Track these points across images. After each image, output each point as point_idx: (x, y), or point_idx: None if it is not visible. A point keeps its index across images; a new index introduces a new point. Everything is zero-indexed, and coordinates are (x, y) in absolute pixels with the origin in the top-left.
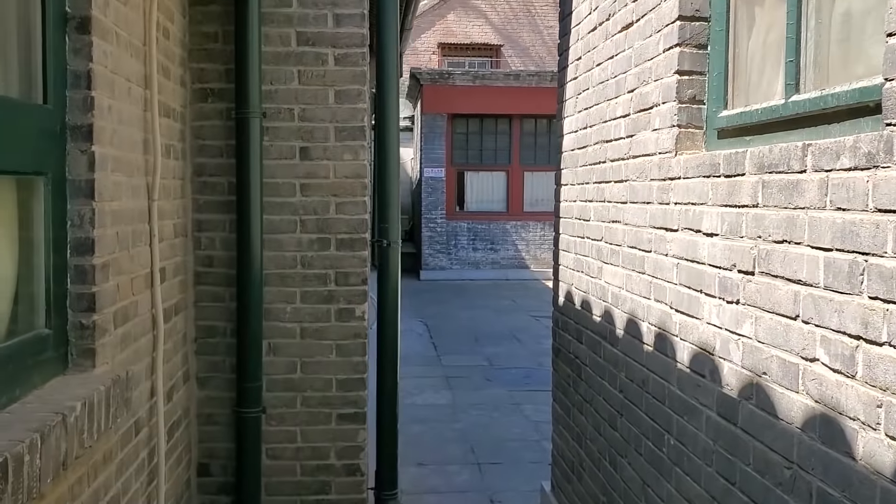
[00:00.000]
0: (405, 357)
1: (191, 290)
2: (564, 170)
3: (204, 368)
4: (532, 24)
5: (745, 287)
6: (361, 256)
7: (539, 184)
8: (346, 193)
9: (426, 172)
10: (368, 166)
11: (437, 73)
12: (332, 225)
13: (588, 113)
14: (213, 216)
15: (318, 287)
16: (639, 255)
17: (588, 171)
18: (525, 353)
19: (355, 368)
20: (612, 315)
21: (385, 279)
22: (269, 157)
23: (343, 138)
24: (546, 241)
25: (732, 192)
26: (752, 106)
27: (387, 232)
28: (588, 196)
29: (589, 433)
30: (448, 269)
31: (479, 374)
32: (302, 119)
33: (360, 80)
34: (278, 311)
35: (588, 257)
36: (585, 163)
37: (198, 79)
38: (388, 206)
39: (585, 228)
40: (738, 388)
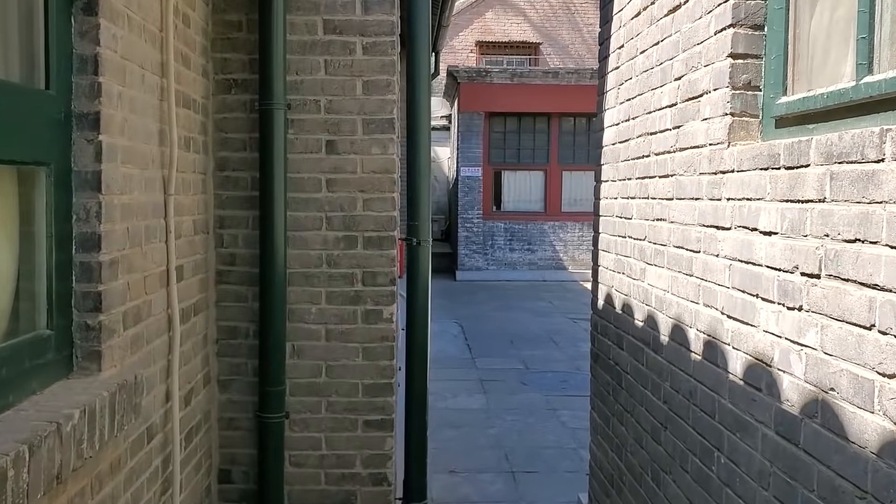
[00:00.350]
0: (439, 359)
1: (212, 289)
2: (605, 165)
3: (225, 371)
4: (571, 22)
5: (809, 292)
6: (390, 255)
7: (577, 183)
8: (374, 189)
9: (463, 172)
10: (398, 161)
11: (474, 71)
12: (360, 222)
13: (630, 104)
14: (236, 212)
15: (345, 287)
16: (686, 255)
17: (630, 166)
18: (562, 357)
19: (383, 373)
20: (656, 320)
21: (415, 280)
22: (294, 150)
23: (371, 131)
24: (584, 242)
25: (794, 185)
26: (816, 90)
27: (416, 230)
28: (630, 193)
29: (630, 445)
30: (484, 269)
31: (514, 377)
32: (328, 111)
33: (390, 70)
34: (303, 312)
35: (630, 258)
36: (627, 157)
37: (221, 69)
38: (419, 204)
39: (627, 227)
40: (801, 404)
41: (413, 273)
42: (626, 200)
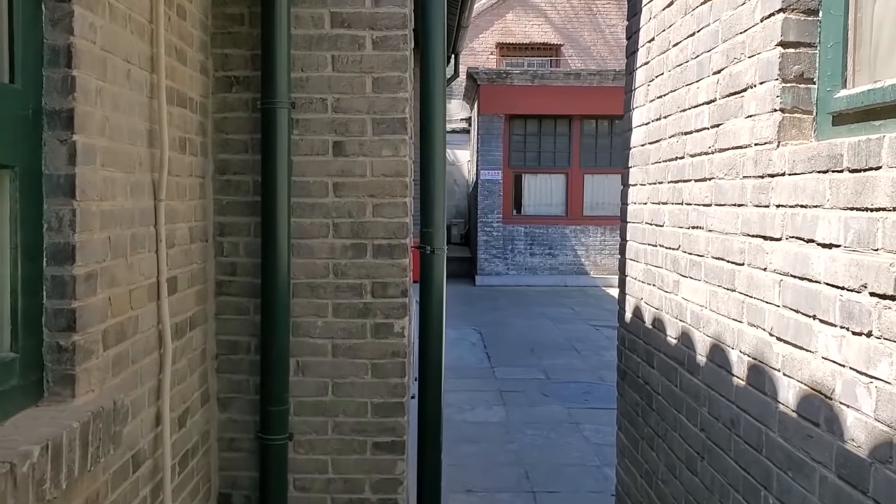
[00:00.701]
0: (456, 368)
1: (211, 300)
2: (633, 168)
3: (226, 388)
4: (593, 23)
5: (881, 315)
6: (401, 265)
7: (599, 187)
8: (384, 194)
9: (482, 175)
10: (410, 164)
11: (494, 73)
12: (369, 229)
13: (662, 102)
14: (237, 219)
15: (353, 299)
16: (727, 268)
17: (662, 168)
18: (584, 367)
19: (393, 391)
20: (692, 338)
21: (428, 290)
22: (299, 152)
23: (381, 132)
24: (607, 247)
25: (862, 190)
26: (884, 81)
27: (431, 238)
28: (662, 198)
29: (661, 473)
30: (504, 274)
31: (534, 388)
32: (336, 110)
33: (402, 67)
34: (308, 326)
35: (661, 269)
36: (659, 159)
37: (221, 66)
38: (433, 209)
39: (658, 235)
40: (871, 446)
41: (427, 283)
42: (656, 206)
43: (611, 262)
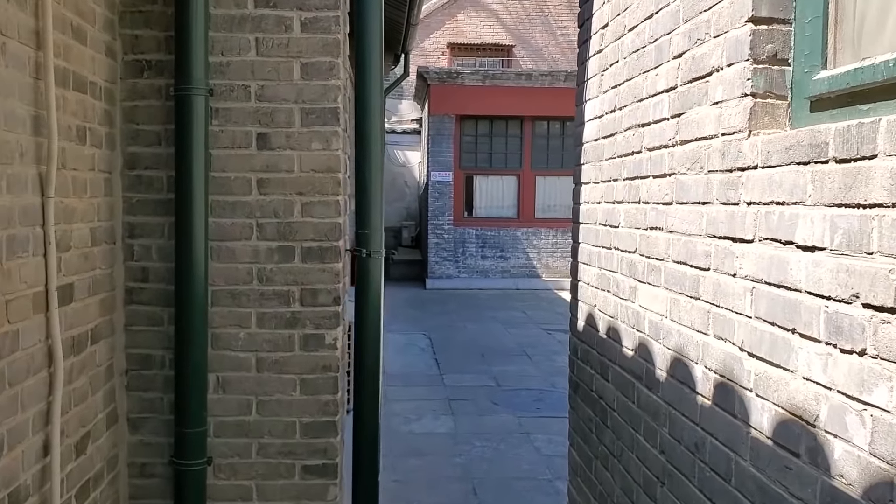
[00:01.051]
0: (404, 376)
1: (120, 310)
2: (585, 165)
3: (137, 408)
4: (545, 24)
5: (877, 331)
6: (334, 270)
7: (551, 189)
8: (314, 192)
9: (433, 176)
10: (345, 158)
11: (444, 73)
12: (298, 230)
13: (617, 92)
14: (150, 219)
15: (279, 308)
16: (691, 273)
17: (617, 164)
18: (536, 373)
19: (324, 409)
20: (651, 350)
21: (364, 297)
22: (219, 145)
23: (311, 123)
24: (559, 250)
25: (853, 184)
26: (874, 59)
27: (367, 240)
28: (617, 196)
29: (616, 496)
30: (455, 277)
31: (484, 396)
32: (260, 98)
33: (333, 51)
34: (229, 338)
35: (616, 273)
36: (613, 154)
37: (131, 48)
38: (370, 209)
39: (613, 237)
40: (865, 485)
41: (363, 289)
42: (611, 205)
43: (563, 265)
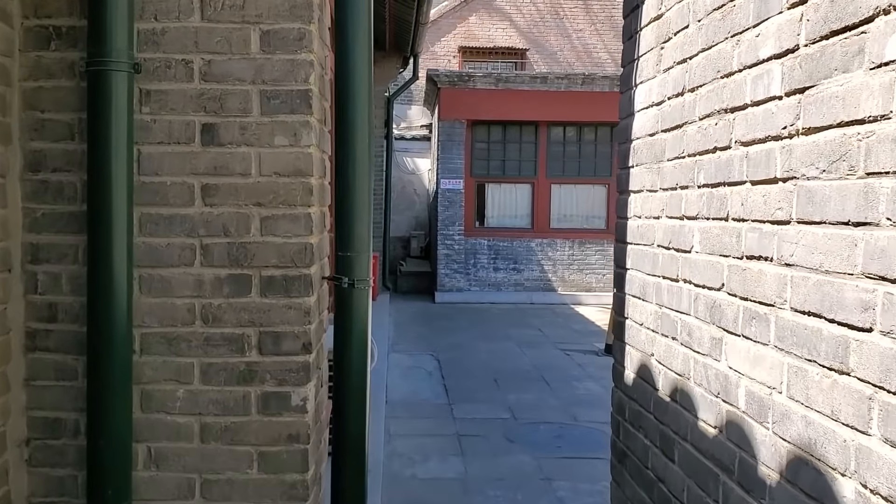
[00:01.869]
0: (410, 405)
1: (17, 360)
2: (636, 168)
3: (41, 490)
4: (560, 27)
5: None
6: (303, 306)
7: (568, 198)
8: (278, 202)
9: (443, 184)
10: (321, 158)
11: (455, 76)
12: (256, 254)
13: (687, 68)
14: (59, 238)
15: (231, 357)
16: (831, 333)
17: (687, 166)
18: (555, 402)
19: (291, 492)
20: (751, 436)
21: (345, 341)
22: (150, 139)
23: (274, 110)
24: (575, 262)
25: None
26: None
27: (349, 265)
28: (688, 209)
29: None
30: (466, 290)
31: (498, 431)
32: (206, 78)
33: (304, 14)
34: (164, 397)
35: (688, 316)
36: (682, 153)
37: (34, 11)
38: (354, 224)
39: (682, 266)
40: None
41: (343, 333)
42: (678, 222)
43: (579, 279)
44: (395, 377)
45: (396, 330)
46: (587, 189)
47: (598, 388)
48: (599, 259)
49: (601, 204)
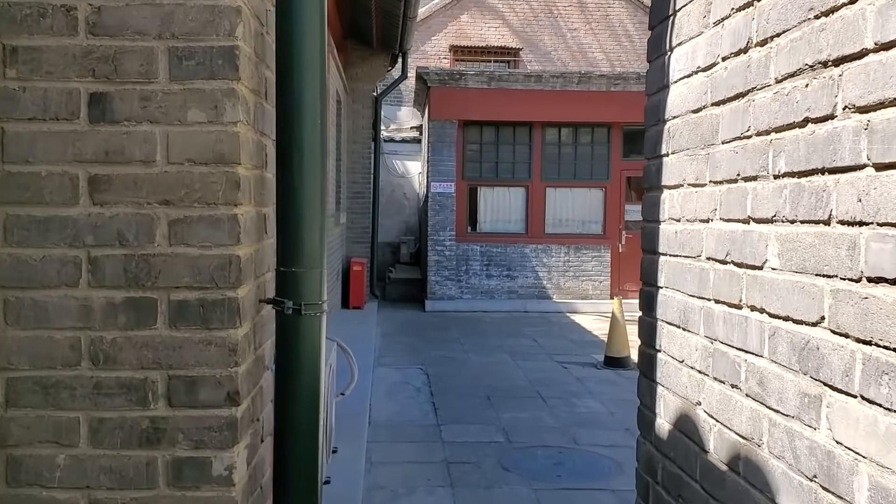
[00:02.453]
0: (395, 427)
1: None
2: (671, 157)
3: None
4: (554, 26)
5: None
6: (228, 341)
7: (563, 202)
8: (192, 199)
9: (433, 187)
10: (254, 140)
11: (446, 74)
12: (162, 270)
13: (753, 14)
14: None
15: (129, 410)
16: None
17: (755, 150)
18: (554, 423)
19: None
20: None
21: (288, 389)
22: (18, 114)
23: (188, 74)
24: (571, 268)
25: None
26: None
27: (296, 284)
28: (759, 209)
29: None
30: (458, 298)
31: (492, 457)
32: (94, 31)
33: None
34: (38, 465)
35: (759, 358)
36: (746, 131)
37: None
38: (300, 231)
39: (748, 287)
40: None
41: (285, 374)
42: (741, 227)
43: (575, 286)
44: (380, 395)
45: (384, 341)
46: (583, 192)
47: (598, 406)
48: (596, 265)
49: (598, 208)
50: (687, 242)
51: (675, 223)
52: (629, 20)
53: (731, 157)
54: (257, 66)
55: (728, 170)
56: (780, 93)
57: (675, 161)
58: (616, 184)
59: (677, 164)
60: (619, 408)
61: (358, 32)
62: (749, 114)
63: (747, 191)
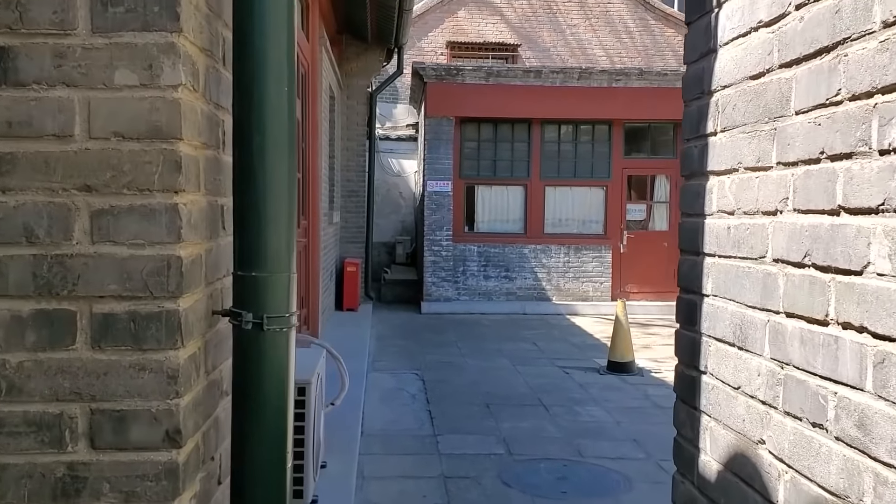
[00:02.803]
0: (387, 438)
1: None
2: (721, 135)
3: None
4: (553, 22)
5: None
6: (165, 365)
7: (563, 201)
8: (120, 184)
9: (430, 186)
10: (203, 111)
11: (443, 69)
12: (82, 275)
13: None
14: None
15: (40, 453)
16: None
17: (848, 120)
18: (557, 433)
19: None
20: None
21: (252, 416)
22: None
23: (115, 25)
24: (571, 269)
25: None
26: None
27: (257, 292)
28: (854, 196)
29: None
30: (455, 300)
31: (492, 470)
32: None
33: None
34: None
35: (859, 393)
36: (833, 96)
37: None
38: (262, 227)
39: (839, 298)
40: None
41: (244, 405)
42: (827, 220)
43: (575, 287)
44: (374, 402)
45: (378, 344)
46: (584, 191)
47: (603, 415)
48: (596, 266)
49: (598, 208)
50: (744, 240)
51: (727, 217)
52: (629, 16)
53: (810, 130)
54: (209, 21)
55: (806, 147)
56: (890, 41)
57: (726, 140)
58: (617, 182)
59: (730, 143)
60: (625, 416)
61: (352, 27)
62: (839, 73)
63: (836, 173)
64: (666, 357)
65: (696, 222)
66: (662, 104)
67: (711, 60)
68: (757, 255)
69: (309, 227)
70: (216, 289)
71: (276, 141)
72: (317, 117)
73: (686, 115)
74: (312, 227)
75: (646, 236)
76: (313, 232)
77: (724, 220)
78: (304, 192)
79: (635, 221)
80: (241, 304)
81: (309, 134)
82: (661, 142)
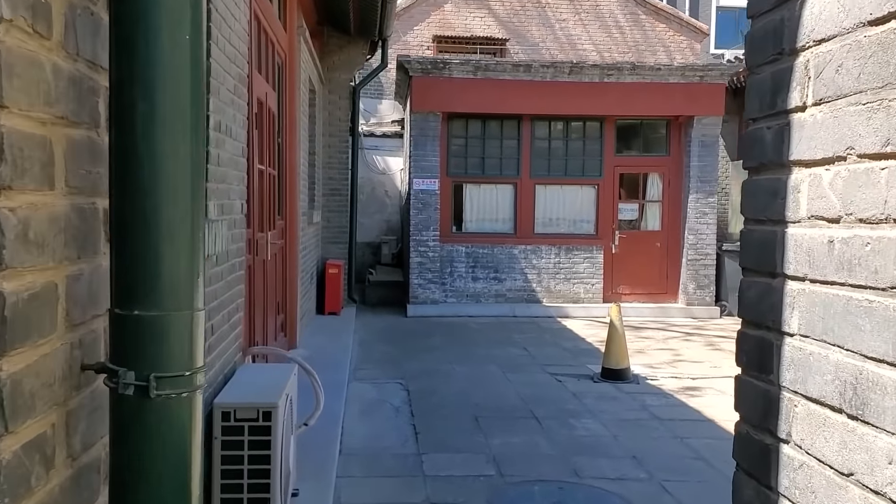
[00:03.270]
0: (368, 457)
1: None
2: (814, 109)
3: None
4: (542, 17)
5: None
6: None
7: (554, 200)
8: None
9: (416, 184)
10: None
11: (429, 62)
12: None
13: None
14: None
15: None
16: None
17: None
18: (550, 449)
19: None
20: None
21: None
22: None
23: None
24: (562, 270)
25: None
26: None
27: (145, 340)
28: None
29: None
30: (442, 302)
31: (481, 494)
32: None
33: None
34: None
35: None
36: None
37: None
38: (152, 243)
39: None
40: None
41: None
42: None
43: (566, 289)
44: (354, 416)
45: (361, 350)
46: (575, 190)
47: (599, 428)
48: (588, 267)
49: (590, 207)
50: (860, 261)
51: (828, 226)
52: (620, 11)
53: None
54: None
55: None
56: None
57: (824, 117)
58: (609, 181)
59: (831, 121)
60: (623, 430)
61: (334, 18)
62: None
63: None
64: (661, 362)
65: (772, 232)
66: (655, 100)
67: (793, 8)
68: (886, 286)
69: (286, 227)
70: (91, 332)
71: (171, 113)
72: (294, 111)
73: (752, 87)
74: (290, 227)
75: (638, 236)
76: (291, 232)
77: (823, 231)
78: (281, 191)
79: (627, 221)
80: (118, 357)
81: (286, 128)
82: (653, 139)
